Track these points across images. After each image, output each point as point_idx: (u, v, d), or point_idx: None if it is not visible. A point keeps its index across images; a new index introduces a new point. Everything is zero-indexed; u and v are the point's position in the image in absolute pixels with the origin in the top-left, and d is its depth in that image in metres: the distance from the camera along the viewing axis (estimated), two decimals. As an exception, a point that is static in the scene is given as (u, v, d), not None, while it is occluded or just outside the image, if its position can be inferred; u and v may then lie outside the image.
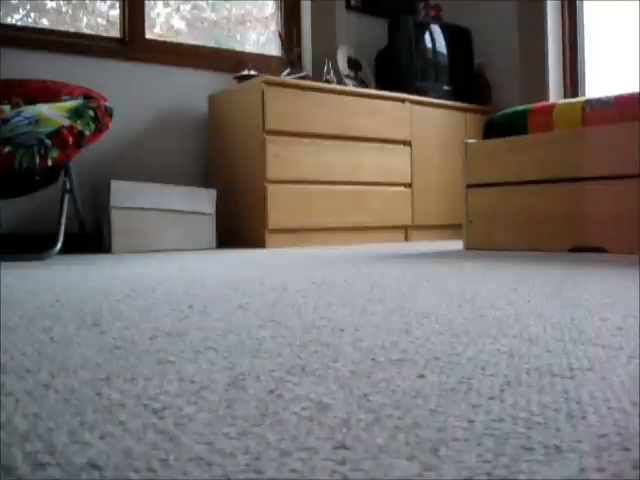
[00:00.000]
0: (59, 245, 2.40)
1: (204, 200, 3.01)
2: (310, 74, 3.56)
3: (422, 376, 0.57)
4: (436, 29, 3.77)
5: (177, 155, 3.34)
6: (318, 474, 0.36)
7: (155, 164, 3.26)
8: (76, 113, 2.38)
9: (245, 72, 3.27)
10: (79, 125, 2.35)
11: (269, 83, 3.01)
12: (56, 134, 2.28)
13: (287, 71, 3.40)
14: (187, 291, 1.25)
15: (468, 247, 2.58)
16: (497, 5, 3.93)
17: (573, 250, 2.25)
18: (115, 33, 3.26)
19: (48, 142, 2.25)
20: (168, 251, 2.86)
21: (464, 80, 3.86)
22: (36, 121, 2.31)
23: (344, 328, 0.82)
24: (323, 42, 3.74)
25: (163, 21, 3.51)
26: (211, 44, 3.57)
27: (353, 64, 3.73)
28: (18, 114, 2.38)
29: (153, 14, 3.43)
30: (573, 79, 3.73)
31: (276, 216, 3.00)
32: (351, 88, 3.38)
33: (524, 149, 2.39)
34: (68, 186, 2.52)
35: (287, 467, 0.37)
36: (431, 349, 0.69)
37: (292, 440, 0.41)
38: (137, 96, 3.21)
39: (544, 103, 2.58)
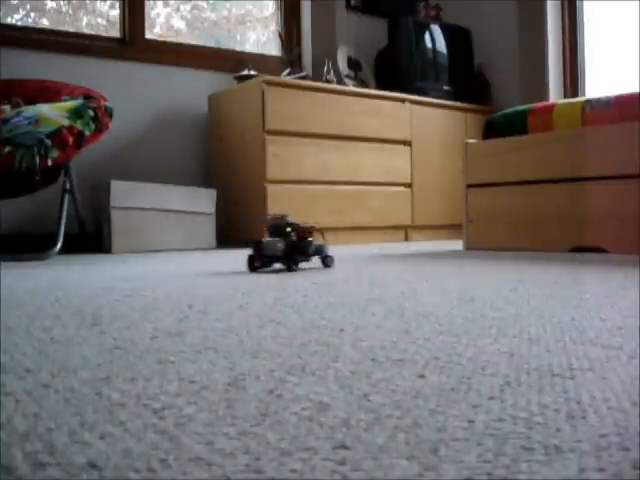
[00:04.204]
0: (59, 245, 2.40)
1: (204, 200, 3.01)
2: (310, 74, 3.56)
3: (422, 376, 0.57)
4: (436, 29, 3.77)
5: (177, 155, 3.34)
6: (318, 474, 0.36)
7: (155, 164, 3.26)
8: (76, 113, 2.38)
9: (245, 72, 3.27)
10: (79, 125, 2.35)
11: (269, 83, 3.01)
12: (56, 134, 2.28)
13: (287, 71, 3.40)
14: (187, 291, 1.25)
15: (468, 247, 2.58)
16: (497, 5, 3.93)
17: (573, 250, 2.25)
18: (115, 33, 3.27)
19: (48, 142, 2.25)
20: (168, 251, 2.86)
21: (464, 80, 3.86)
22: (36, 121, 2.31)
23: (344, 328, 0.82)
24: (323, 42, 3.74)
25: (163, 21, 3.51)
26: (211, 44, 3.57)
27: (353, 64, 3.73)
28: (18, 114, 2.38)
29: (153, 14, 3.43)
30: (573, 79, 3.73)
31: (276, 216, 3.00)
32: (351, 88, 3.38)
33: (524, 149, 2.39)
34: (68, 186, 2.51)
35: (287, 467, 0.37)
36: (431, 349, 0.69)
37: (292, 440, 0.41)
38: (137, 96, 3.21)
39: (544, 103, 2.58)
